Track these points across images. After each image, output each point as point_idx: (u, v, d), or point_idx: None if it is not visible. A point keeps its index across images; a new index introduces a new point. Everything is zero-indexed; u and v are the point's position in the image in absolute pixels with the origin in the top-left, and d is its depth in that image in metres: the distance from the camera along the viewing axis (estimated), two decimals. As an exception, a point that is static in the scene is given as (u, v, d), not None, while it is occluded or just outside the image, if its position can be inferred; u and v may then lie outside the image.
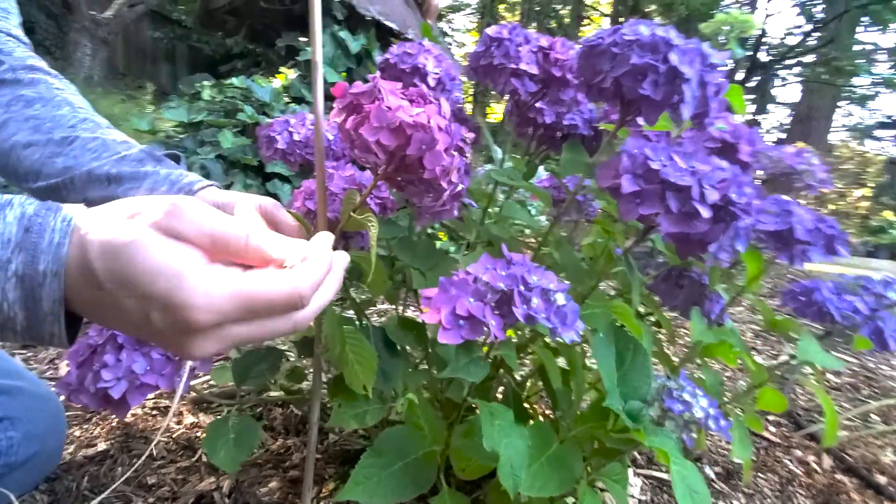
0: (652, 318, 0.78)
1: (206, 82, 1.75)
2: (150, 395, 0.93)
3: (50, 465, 0.67)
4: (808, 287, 0.59)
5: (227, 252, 0.27)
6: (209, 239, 0.26)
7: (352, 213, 0.48)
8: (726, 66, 0.44)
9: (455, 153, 0.38)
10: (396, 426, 0.52)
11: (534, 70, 0.59)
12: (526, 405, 0.86)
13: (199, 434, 0.85)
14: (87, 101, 0.65)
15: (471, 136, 0.41)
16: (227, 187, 1.65)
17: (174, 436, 0.83)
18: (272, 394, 0.81)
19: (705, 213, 0.39)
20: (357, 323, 0.73)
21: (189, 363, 0.44)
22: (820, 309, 0.56)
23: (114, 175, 0.56)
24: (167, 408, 0.94)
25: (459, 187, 0.40)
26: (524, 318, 0.35)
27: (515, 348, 0.63)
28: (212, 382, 1.02)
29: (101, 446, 0.76)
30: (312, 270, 0.28)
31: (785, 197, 0.59)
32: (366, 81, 0.39)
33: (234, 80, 1.77)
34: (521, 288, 0.36)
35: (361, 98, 0.39)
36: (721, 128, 0.53)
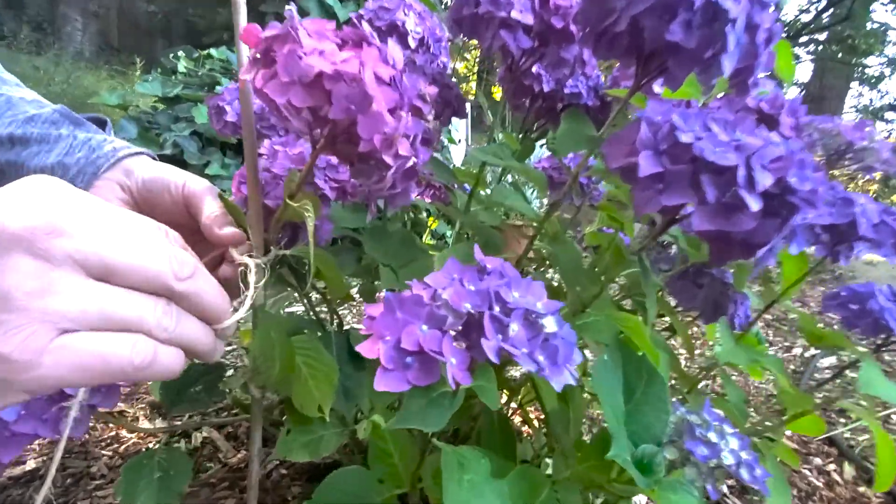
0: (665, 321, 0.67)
1: (181, 53, 1.62)
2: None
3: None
4: (859, 292, 0.48)
5: None
6: None
7: (287, 200, 0.38)
8: (780, 4, 0.33)
9: (405, 114, 0.27)
10: (345, 468, 0.42)
11: (528, 20, 0.47)
12: (521, 409, 0.76)
13: (151, 446, 0.75)
14: None
15: (432, 90, 0.30)
16: (204, 167, 1.54)
17: (121, 449, 0.74)
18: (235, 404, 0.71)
19: (754, 204, 0.28)
20: (321, 326, 0.63)
21: (79, 399, 0.34)
22: (876, 320, 0.45)
23: (18, 136, 0.47)
24: (122, 413, 0.85)
25: (411, 162, 0.29)
26: (495, 355, 0.24)
27: (501, 367, 0.52)
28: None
29: (31, 464, 0.67)
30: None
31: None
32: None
33: (212, 52, 1.64)
34: (496, 310, 0.25)
35: (274, 43, 0.28)
36: (764, 93, 0.41)
